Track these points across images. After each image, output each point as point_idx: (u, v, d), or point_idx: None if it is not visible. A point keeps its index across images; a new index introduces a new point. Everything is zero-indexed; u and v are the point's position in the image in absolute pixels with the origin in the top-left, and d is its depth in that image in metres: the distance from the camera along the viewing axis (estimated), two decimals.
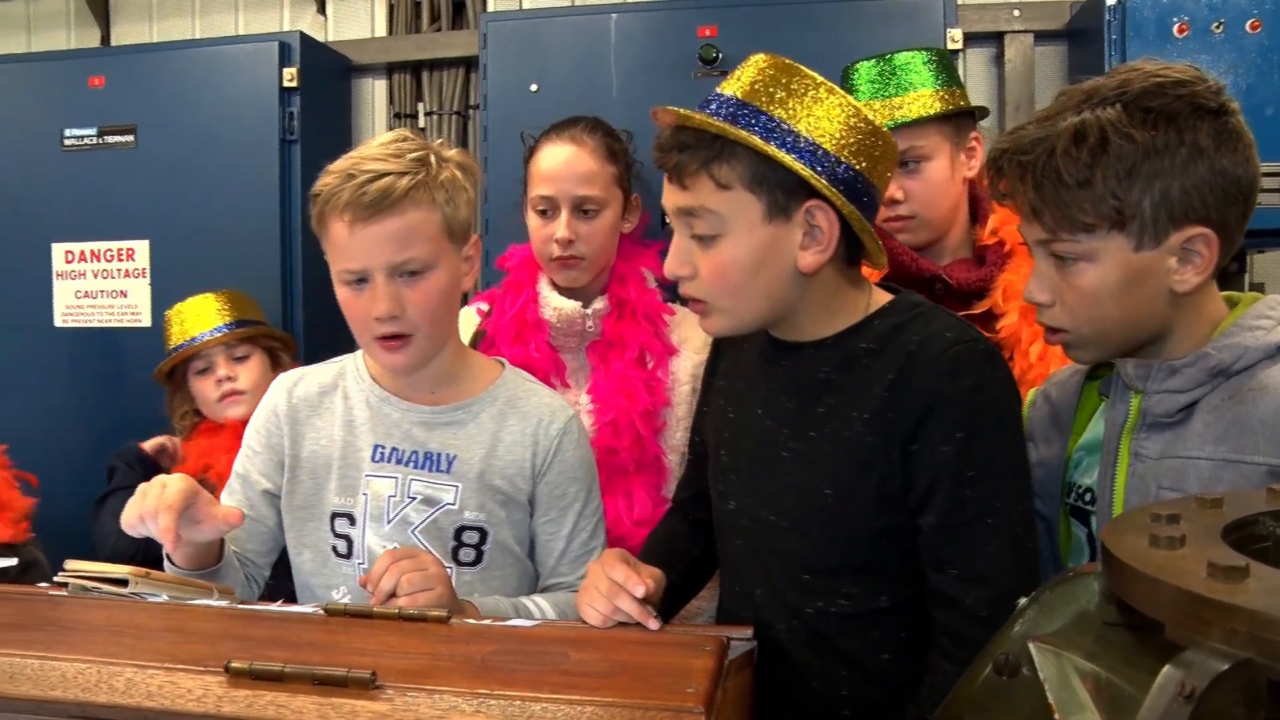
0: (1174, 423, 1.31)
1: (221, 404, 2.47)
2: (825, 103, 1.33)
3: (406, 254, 1.53)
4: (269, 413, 1.70)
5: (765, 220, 1.33)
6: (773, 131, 1.31)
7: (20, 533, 2.15)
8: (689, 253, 1.38)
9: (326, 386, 1.71)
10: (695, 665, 0.97)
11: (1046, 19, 2.98)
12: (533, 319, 2.18)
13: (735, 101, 1.34)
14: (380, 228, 1.51)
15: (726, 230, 1.34)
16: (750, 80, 1.35)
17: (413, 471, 1.63)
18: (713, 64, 2.57)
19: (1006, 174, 1.32)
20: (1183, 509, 0.83)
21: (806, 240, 1.35)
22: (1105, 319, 1.31)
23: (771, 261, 1.35)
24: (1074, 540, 1.46)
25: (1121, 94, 1.25)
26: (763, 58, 1.37)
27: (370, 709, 0.89)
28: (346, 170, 1.53)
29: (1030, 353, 1.95)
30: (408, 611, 1.15)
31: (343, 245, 1.54)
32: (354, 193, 1.50)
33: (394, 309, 1.53)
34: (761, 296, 1.38)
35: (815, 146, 1.31)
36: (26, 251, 3.08)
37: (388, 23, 3.48)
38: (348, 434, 1.66)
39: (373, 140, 1.61)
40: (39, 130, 3.07)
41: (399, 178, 1.52)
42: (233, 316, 2.53)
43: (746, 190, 1.33)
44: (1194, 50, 2.37)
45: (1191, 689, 0.64)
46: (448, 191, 1.57)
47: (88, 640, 1.11)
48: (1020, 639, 0.98)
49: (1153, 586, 0.70)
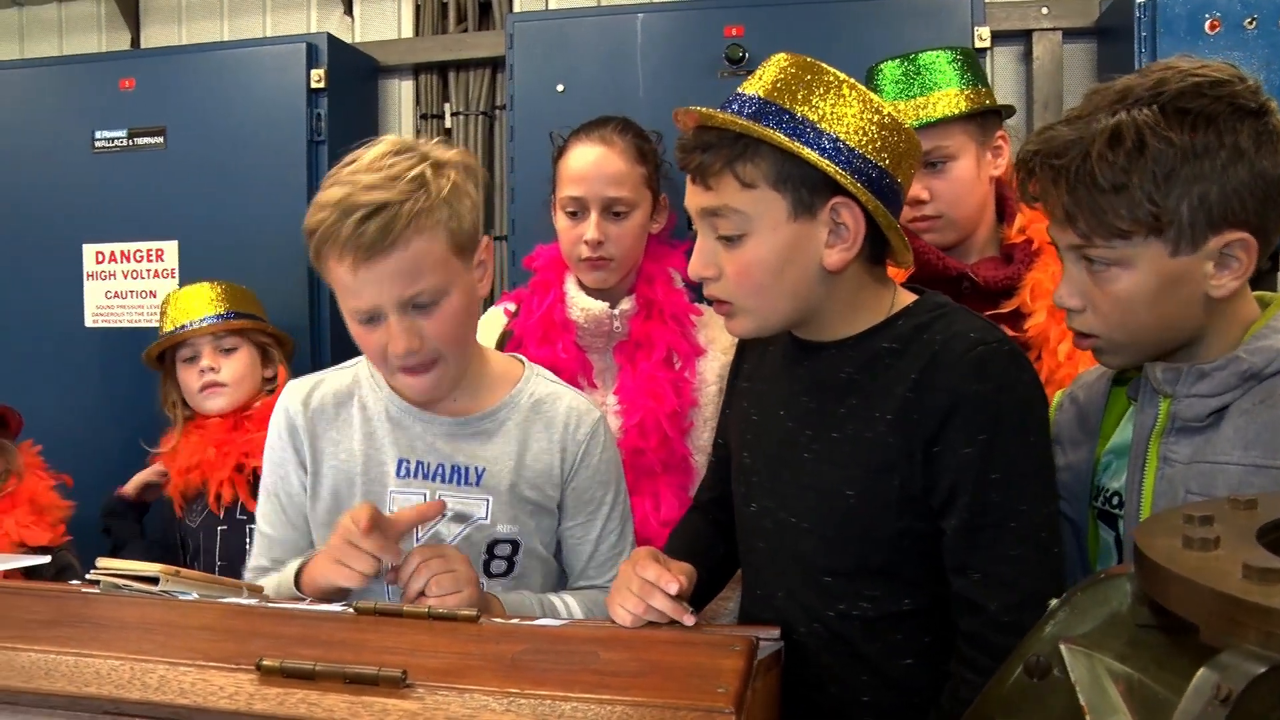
0: (1204, 427, 1.28)
1: (201, 395, 2.45)
2: (848, 100, 1.32)
3: (417, 287, 1.45)
4: (286, 423, 1.64)
5: (790, 218, 1.33)
6: (797, 129, 1.30)
7: (58, 536, 2.17)
8: (714, 254, 1.38)
9: (342, 395, 1.65)
10: (725, 665, 0.97)
11: (1075, 16, 2.96)
12: (560, 319, 2.18)
13: (758, 100, 1.33)
14: (385, 265, 1.42)
15: (751, 230, 1.34)
16: (773, 79, 1.34)
17: (441, 486, 1.59)
18: (739, 64, 2.57)
19: (1039, 177, 1.29)
20: (1216, 510, 0.83)
21: (832, 238, 1.34)
22: (1139, 325, 1.29)
23: (797, 260, 1.34)
24: (1102, 544, 1.44)
25: (1158, 94, 1.22)
26: (785, 57, 1.36)
27: (401, 708, 0.90)
28: (340, 204, 1.42)
29: (1058, 352, 1.94)
30: (437, 611, 1.16)
31: (348, 285, 1.46)
32: (352, 232, 1.40)
33: (412, 345, 1.47)
34: (787, 296, 1.37)
35: (839, 143, 1.30)
36: (58, 252, 3.11)
37: (414, 24, 3.49)
38: (369, 447, 1.60)
39: (363, 155, 1.50)
40: (70, 132, 3.10)
41: (398, 208, 1.41)
42: (226, 308, 2.51)
43: (771, 189, 1.32)
44: (1226, 47, 2.34)
45: (1228, 692, 0.63)
46: (450, 206, 1.47)
47: (121, 637, 1.12)
48: (1051, 640, 0.97)
49: (1187, 588, 0.70)
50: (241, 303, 2.56)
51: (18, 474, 2.19)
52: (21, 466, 2.21)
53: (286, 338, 2.60)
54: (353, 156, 1.51)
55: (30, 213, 3.13)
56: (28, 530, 2.11)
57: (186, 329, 2.46)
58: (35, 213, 3.13)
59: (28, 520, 2.13)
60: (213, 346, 2.46)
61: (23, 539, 2.09)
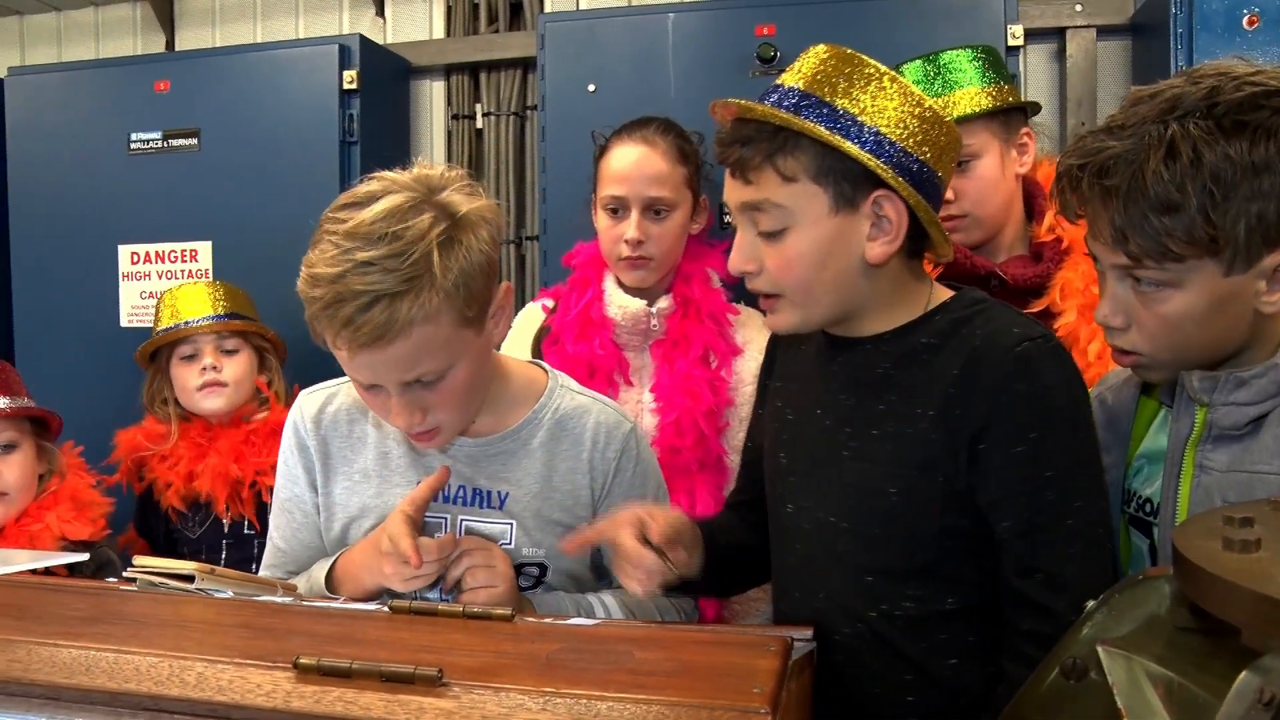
0: (1242, 435, 1.25)
1: (201, 393, 2.43)
2: (889, 92, 1.31)
3: (418, 371, 1.37)
4: (297, 441, 1.59)
5: (832, 212, 1.32)
6: (837, 121, 1.29)
7: (98, 531, 2.19)
8: (754, 248, 1.37)
9: (355, 413, 1.59)
10: (760, 665, 0.97)
11: (1110, 13, 2.93)
12: (597, 317, 2.18)
13: (798, 92, 1.32)
14: (384, 355, 1.34)
15: (793, 223, 1.33)
16: (812, 71, 1.33)
17: (462, 510, 1.54)
18: (770, 63, 2.56)
19: (1085, 195, 1.24)
20: (1256, 512, 0.82)
21: (874, 231, 1.33)
22: (1186, 344, 1.25)
23: (839, 253, 1.34)
24: (1134, 550, 1.41)
25: (1212, 105, 1.16)
26: (824, 48, 1.35)
27: (437, 706, 0.90)
28: (335, 284, 1.30)
29: (1089, 352, 1.92)
30: (472, 610, 1.16)
31: (345, 361, 1.38)
32: (345, 325, 1.31)
33: (413, 420, 1.41)
34: (830, 290, 1.36)
35: (880, 136, 1.29)
36: (93, 253, 3.14)
37: (446, 24, 3.50)
38: (383, 468, 1.56)
39: (362, 209, 1.35)
40: (106, 134, 3.13)
41: (395, 301, 1.29)
42: (226, 308, 2.49)
43: (812, 182, 1.31)
44: (1265, 43, 2.31)
45: (1271, 695, 0.63)
46: (456, 277, 1.34)
47: (159, 635, 1.14)
48: (1089, 642, 0.96)
49: (1228, 590, 0.69)
50: (241, 304, 2.56)
51: (60, 473, 2.22)
52: (64, 466, 2.24)
53: (281, 343, 2.58)
54: (354, 202, 1.38)
55: (66, 214, 3.17)
56: (69, 525, 2.13)
57: (191, 325, 2.44)
58: (71, 214, 3.16)
59: (69, 516, 2.15)
60: (214, 346, 2.45)
61: (64, 534, 2.12)
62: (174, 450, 2.45)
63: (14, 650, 1.03)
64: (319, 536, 1.61)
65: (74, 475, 2.24)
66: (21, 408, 2.17)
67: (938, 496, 1.31)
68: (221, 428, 2.46)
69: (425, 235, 1.32)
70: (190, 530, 2.43)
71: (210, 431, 2.46)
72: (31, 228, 3.22)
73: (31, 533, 2.11)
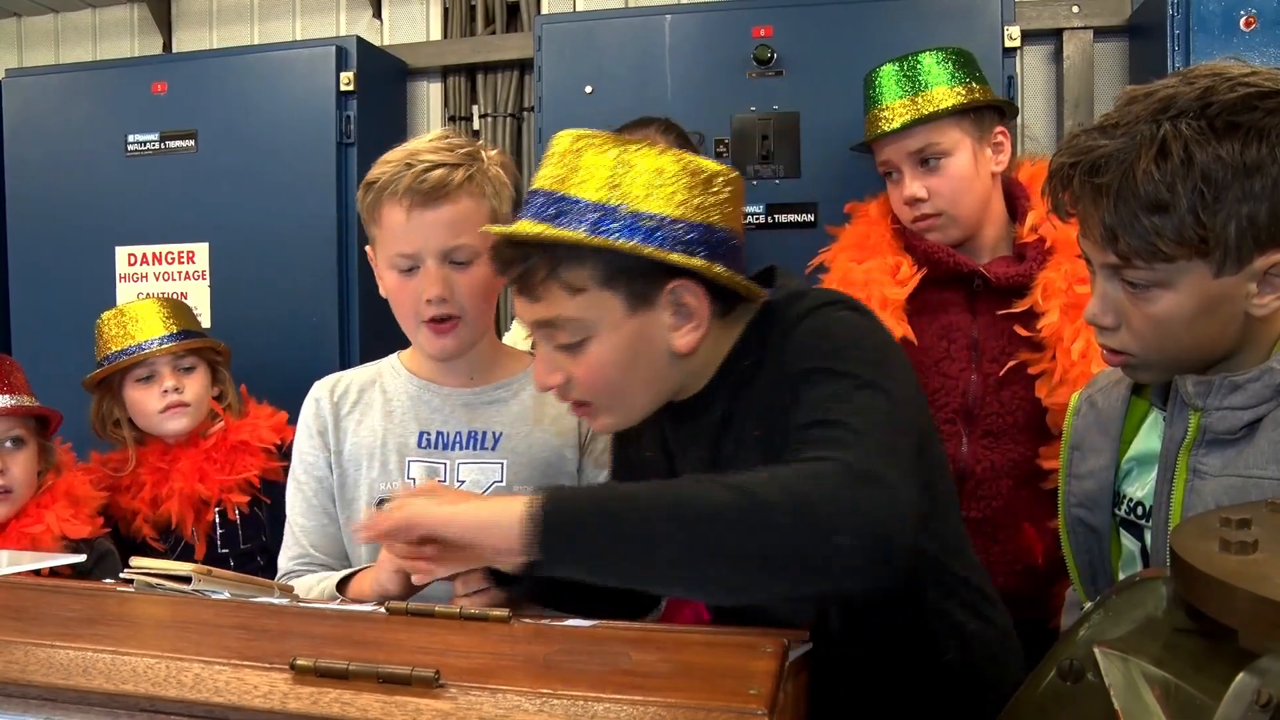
0: (1236, 440, 1.24)
1: (163, 415, 2.37)
2: (648, 167, 1.23)
3: (458, 240, 1.58)
4: (315, 415, 1.74)
5: (629, 314, 1.26)
6: (602, 219, 1.21)
7: (97, 528, 2.20)
8: (557, 362, 1.31)
9: (365, 384, 1.75)
10: (757, 667, 0.97)
11: (1107, 14, 2.94)
12: None
13: (554, 197, 1.24)
14: (436, 214, 1.57)
15: (592, 333, 1.26)
16: (562, 166, 1.25)
17: (459, 454, 1.67)
18: (767, 64, 2.56)
19: (1077, 193, 1.23)
20: (1253, 514, 0.82)
21: (677, 319, 1.27)
22: (1175, 345, 1.24)
23: (645, 352, 1.28)
24: (1125, 554, 1.40)
25: (1205, 105, 1.15)
26: (567, 137, 1.27)
27: (434, 707, 0.90)
28: (403, 160, 1.58)
29: (1071, 351, 1.94)
30: (469, 611, 1.16)
31: (398, 230, 1.58)
32: (414, 179, 1.55)
33: (444, 291, 1.58)
34: (644, 388, 1.32)
35: (652, 218, 1.22)
36: (91, 254, 3.14)
37: (442, 26, 3.51)
38: (388, 423, 1.70)
39: (422, 136, 1.66)
40: (104, 136, 3.14)
41: (454, 169, 1.57)
42: (179, 326, 2.44)
43: (602, 288, 1.24)
44: (1263, 44, 2.32)
45: (1268, 697, 0.63)
46: (494, 186, 1.63)
47: (156, 636, 1.14)
48: (1086, 644, 0.97)
49: (1226, 592, 0.69)
50: (189, 320, 2.50)
51: (57, 469, 2.23)
52: (60, 463, 2.25)
53: (227, 351, 2.54)
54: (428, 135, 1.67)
55: (64, 215, 3.17)
56: (69, 524, 2.14)
57: (148, 348, 2.38)
58: (69, 215, 3.17)
59: (68, 515, 2.15)
60: (172, 367, 2.39)
61: (64, 533, 2.12)
62: (134, 478, 2.39)
63: (11, 651, 1.03)
64: (333, 503, 1.71)
65: (69, 472, 2.25)
66: (30, 407, 2.19)
67: None
68: (180, 448, 2.41)
69: (473, 149, 1.64)
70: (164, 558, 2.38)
71: (169, 454, 2.41)
72: (29, 229, 3.22)
73: (33, 534, 2.11)
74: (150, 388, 2.39)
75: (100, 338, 2.47)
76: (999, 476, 2.02)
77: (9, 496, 2.13)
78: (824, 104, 2.55)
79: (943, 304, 2.07)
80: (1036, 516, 1.98)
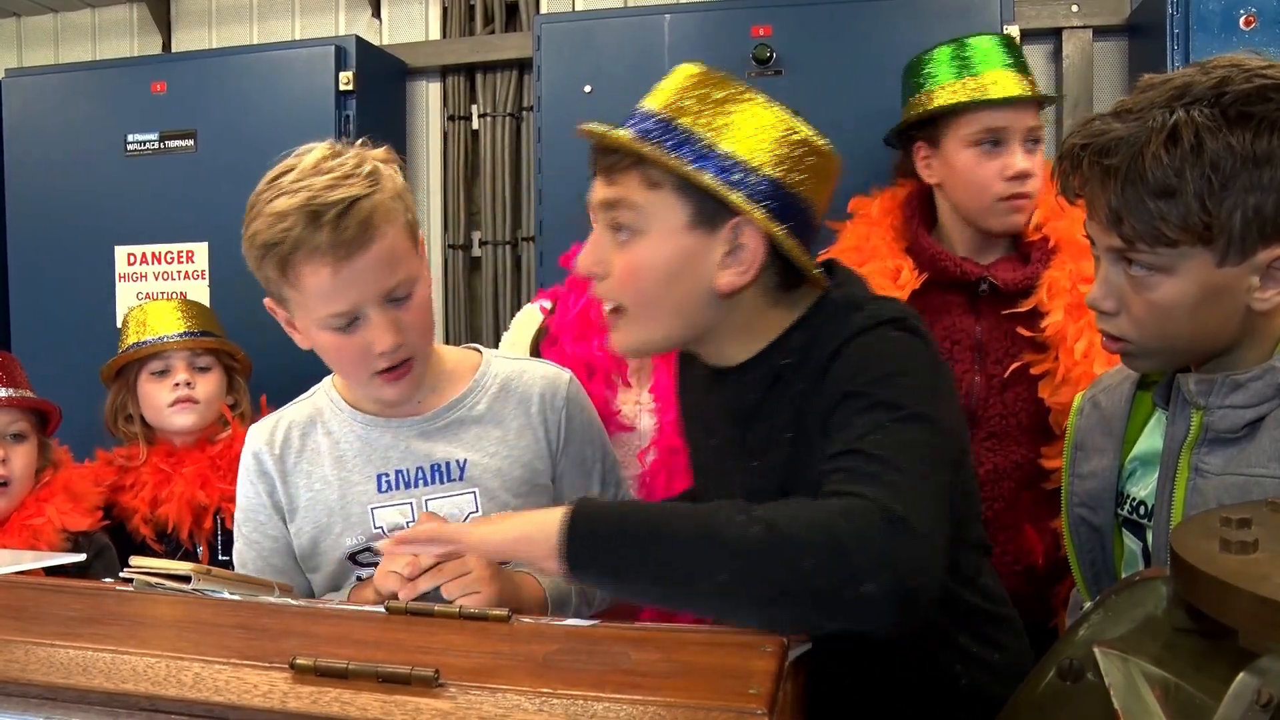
0: (1238, 438, 1.24)
1: (172, 409, 2.37)
2: (751, 117, 1.27)
3: (395, 279, 1.44)
4: (256, 468, 1.60)
5: (688, 228, 1.28)
6: (693, 148, 1.25)
7: (96, 521, 2.20)
8: (605, 249, 1.33)
9: (305, 426, 1.61)
10: (757, 666, 0.97)
11: (1106, 14, 2.94)
12: (595, 317, 2.18)
13: (655, 117, 1.29)
14: (366, 260, 1.41)
15: (647, 228, 1.29)
16: (674, 94, 1.30)
17: (425, 490, 1.56)
18: (767, 64, 2.56)
19: (1086, 175, 1.23)
20: (1253, 513, 0.82)
21: (728, 259, 1.28)
22: (1175, 333, 1.24)
23: (687, 274, 1.29)
24: (1128, 553, 1.41)
25: (1220, 94, 1.15)
26: (692, 69, 1.31)
27: (433, 706, 0.90)
28: (304, 209, 1.39)
29: (1075, 350, 1.93)
30: (469, 610, 1.16)
31: (324, 290, 1.41)
32: (334, 231, 1.38)
33: (397, 338, 1.45)
34: (672, 311, 1.31)
35: (738, 163, 1.25)
36: (90, 254, 3.15)
37: (442, 26, 3.51)
38: (341, 470, 1.57)
39: (297, 164, 1.46)
40: (103, 136, 3.14)
41: (368, 201, 1.40)
42: (198, 326, 2.45)
43: (675, 192, 1.27)
44: (1262, 43, 2.31)
45: (1269, 697, 0.63)
46: (400, 196, 1.48)
47: (156, 635, 1.13)
48: (1085, 643, 0.97)
49: (1226, 592, 0.69)
50: (210, 323, 2.51)
51: (54, 465, 2.23)
52: (58, 459, 2.25)
53: (248, 362, 2.55)
54: (285, 167, 1.47)
55: (63, 215, 3.17)
56: (69, 517, 2.14)
57: (165, 340, 2.40)
58: (68, 215, 3.17)
59: (67, 508, 2.16)
60: (187, 362, 2.40)
61: (65, 525, 2.13)
62: (137, 476, 2.39)
63: (11, 651, 1.03)
64: (292, 559, 1.60)
65: (66, 467, 2.25)
66: (32, 399, 2.19)
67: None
68: (186, 450, 2.41)
69: (362, 159, 1.45)
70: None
71: (175, 456, 2.41)
72: (28, 229, 3.23)
73: (34, 527, 2.12)
74: (163, 381, 2.39)
75: (123, 331, 2.49)
76: (1001, 478, 2.02)
77: (7, 490, 2.13)
78: (824, 103, 2.54)
79: (946, 306, 2.07)
80: (1037, 517, 1.98)
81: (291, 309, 1.50)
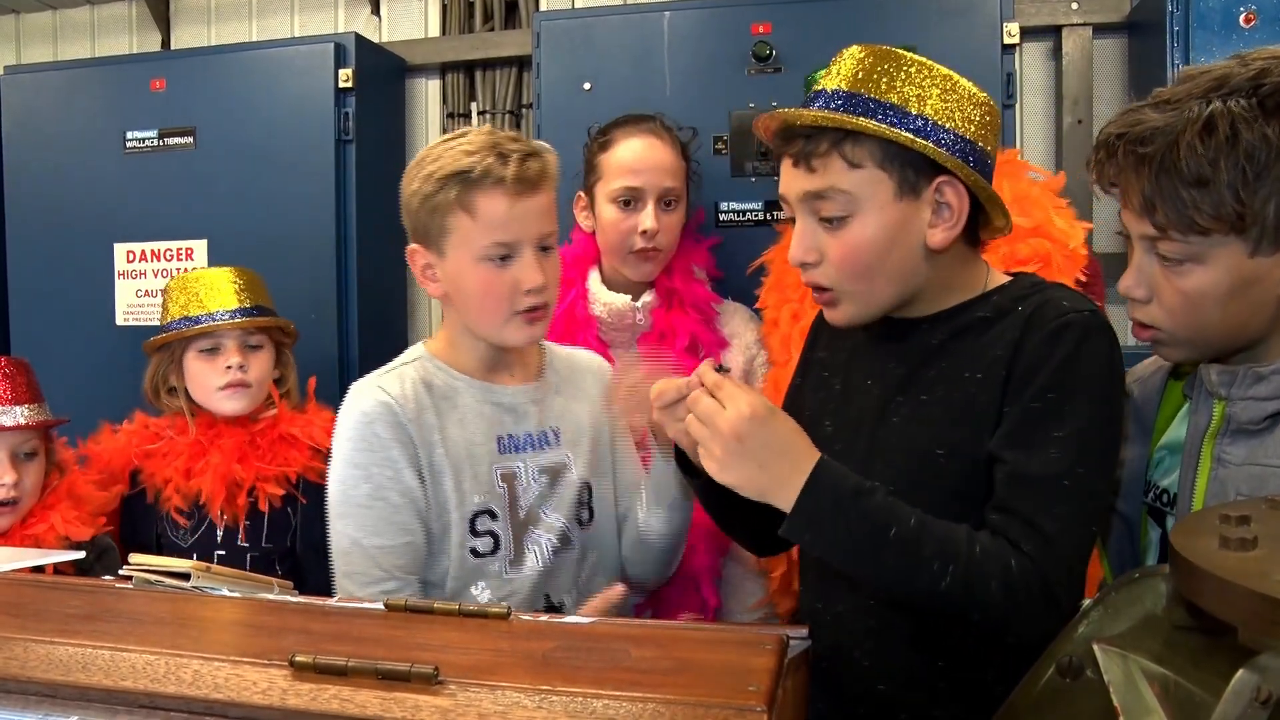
0: (1259, 430, 1.25)
1: (223, 393, 2.26)
2: (929, 80, 1.33)
3: (551, 227, 1.64)
4: (391, 424, 1.59)
5: (896, 198, 1.33)
6: (888, 116, 1.31)
7: (99, 528, 2.18)
8: (815, 238, 1.38)
9: (421, 386, 1.65)
10: (756, 664, 0.97)
11: (1106, 11, 2.94)
12: (582, 315, 2.18)
13: (843, 94, 1.34)
14: (537, 202, 1.60)
15: (858, 210, 1.34)
16: (852, 71, 1.35)
17: (531, 455, 1.69)
18: (766, 61, 2.56)
19: (1121, 164, 1.24)
20: (1253, 510, 0.82)
21: (935, 218, 1.34)
22: (1205, 323, 1.25)
23: (902, 240, 1.35)
24: (1148, 541, 1.42)
25: (1258, 85, 1.16)
26: (859, 49, 1.37)
27: (433, 704, 0.90)
28: (494, 148, 1.58)
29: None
30: (468, 608, 1.16)
31: (498, 219, 1.58)
32: (518, 167, 1.57)
33: (545, 279, 1.62)
34: (891, 278, 1.37)
35: (932, 123, 1.31)
36: (89, 251, 3.15)
37: (441, 23, 3.50)
38: (464, 430, 1.65)
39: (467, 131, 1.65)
40: (102, 133, 3.14)
41: (544, 156, 1.62)
42: (251, 301, 2.34)
43: (878, 168, 1.32)
44: (1262, 41, 2.30)
45: (1268, 694, 0.63)
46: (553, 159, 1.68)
47: (155, 632, 1.13)
48: (1085, 641, 0.97)
49: (1225, 589, 0.69)
50: (261, 294, 2.41)
51: (60, 469, 2.20)
52: (63, 462, 2.23)
53: (294, 332, 2.46)
54: (457, 132, 1.67)
55: (62, 212, 3.17)
56: (72, 527, 2.09)
57: (218, 320, 2.28)
58: (67, 212, 3.17)
59: (71, 516, 2.11)
60: (240, 342, 2.29)
61: (68, 534, 2.08)
62: (172, 446, 2.29)
63: (11, 648, 1.03)
64: (417, 518, 1.60)
65: (71, 472, 2.23)
66: (51, 420, 2.15)
67: (983, 458, 1.30)
68: (226, 425, 2.30)
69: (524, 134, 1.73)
70: (182, 539, 2.28)
71: (215, 428, 2.30)
72: (27, 226, 3.23)
73: (36, 534, 2.09)
74: (214, 360, 2.28)
75: (167, 301, 2.37)
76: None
77: (17, 508, 2.08)
78: None
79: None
80: None
81: (448, 245, 1.62)
